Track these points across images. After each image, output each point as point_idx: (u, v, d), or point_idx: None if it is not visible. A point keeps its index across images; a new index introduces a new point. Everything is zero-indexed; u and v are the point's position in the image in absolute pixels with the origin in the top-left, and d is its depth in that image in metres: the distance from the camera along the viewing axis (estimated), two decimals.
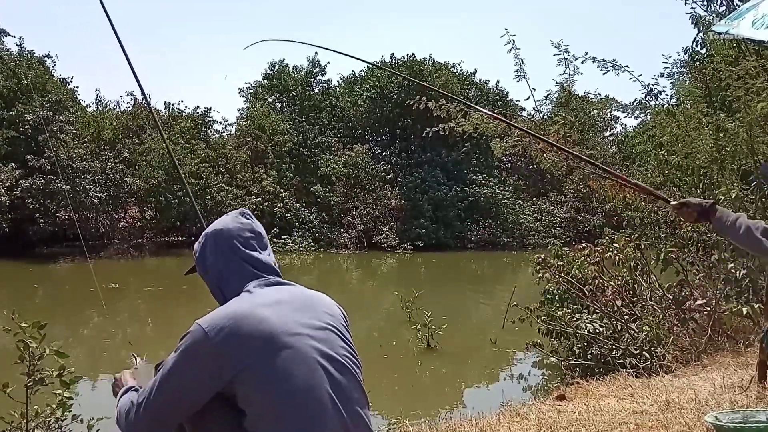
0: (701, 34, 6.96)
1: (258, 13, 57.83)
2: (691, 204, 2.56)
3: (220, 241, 1.73)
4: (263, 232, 1.80)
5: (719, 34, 5.15)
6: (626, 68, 6.04)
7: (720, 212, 2.52)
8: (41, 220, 20.81)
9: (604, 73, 6.03)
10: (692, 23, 7.46)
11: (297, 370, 1.49)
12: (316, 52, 31.62)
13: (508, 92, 32.05)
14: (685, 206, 2.56)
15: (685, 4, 6.94)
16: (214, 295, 1.74)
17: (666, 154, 6.12)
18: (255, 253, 1.71)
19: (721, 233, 2.73)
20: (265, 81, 32.05)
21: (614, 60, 6.03)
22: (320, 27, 56.77)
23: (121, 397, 1.68)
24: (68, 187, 20.75)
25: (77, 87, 26.61)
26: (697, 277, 6.11)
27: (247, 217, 1.79)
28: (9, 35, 23.57)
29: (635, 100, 6.62)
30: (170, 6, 59.07)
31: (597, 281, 6.55)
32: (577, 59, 6.05)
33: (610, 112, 30.71)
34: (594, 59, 6.04)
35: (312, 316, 1.61)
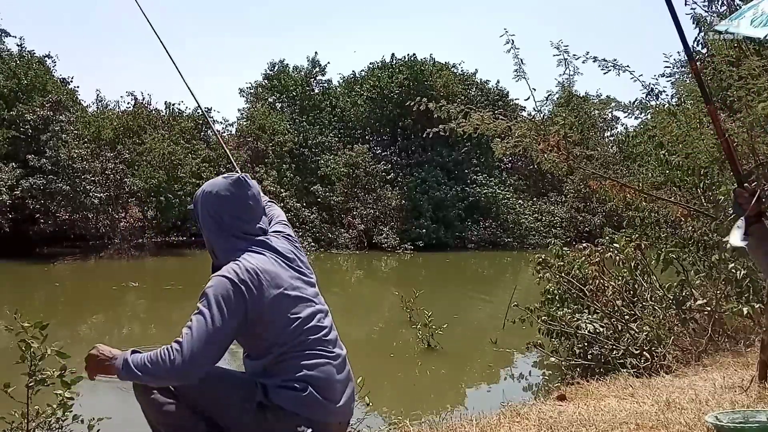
0: (702, 34, 6.94)
1: (257, 12, 57.90)
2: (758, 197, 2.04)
3: (207, 205, 2.05)
4: (255, 201, 2.09)
5: (719, 33, 5.15)
6: (627, 68, 6.02)
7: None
8: (41, 220, 20.81)
9: (605, 73, 6.00)
10: (693, 23, 7.44)
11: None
12: (316, 52, 31.68)
13: (508, 92, 32.08)
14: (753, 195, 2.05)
15: (686, 4, 6.92)
16: (208, 248, 2.08)
17: (666, 154, 6.11)
18: (237, 222, 2.02)
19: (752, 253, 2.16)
20: (266, 81, 32.06)
21: (615, 60, 6.00)
22: (320, 27, 56.83)
23: (130, 357, 1.84)
24: (68, 187, 20.75)
25: (77, 87, 26.65)
26: (698, 277, 6.10)
27: (239, 187, 2.06)
28: (9, 35, 23.60)
29: (636, 99, 6.60)
30: (172, 7, 59.10)
31: (597, 281, 6.55)
32: (577, 59, 6.02)
33: (611, 112, 30.75)
34: (595, 59, 6.01)
35: (293, 267, 2.08)
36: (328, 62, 32.12)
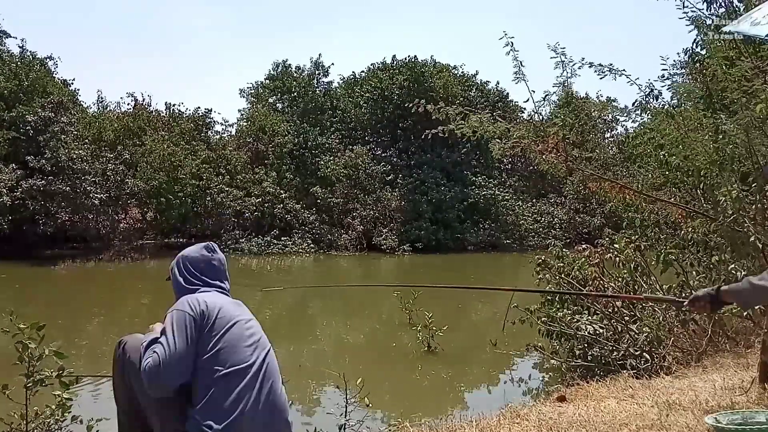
0: (701, 36, 6.95)
1: (257, 12, 57.96)
2: (699, 297, 2.52)
3: (182, 264, 2.50)
4: (219, 264, 2.51)
5: (721, 34, 5.16)
6: (623, 72, 5.99)
7: (728, 288, 2.45)
8: (42, 221, 20.80)
9: (601, 78, 5.98)
10: (692, 24, 7.44)
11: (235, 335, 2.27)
12: (320, 54, 31.64)
13: (508, 93, 32.14)
14: (696, 301, 2.53)
15: (684, 6, 6.91)
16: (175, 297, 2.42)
17: (666, 155, 6.11)
18: (203, 277, 2.45)
19: (742, 305, 2.76)
20: (268, 81, 32.06)
21: (611, 64, 5.97)
22: (321, 27, 56.89)
23: (149, 345, 2.23)
24: (68, 188, 20.72)
25: (78, 89, 26.63)
26: (698, 278, 6.10)
27: (209, 251, 2.52)
28: (10, 36, 23.59)
29: (635, 102, 6.59)
30: (172, 8, 59.19)
31: (597, 282, 6.54)
32: (573, 64, 6.00)
33: (611, 114, 30.78)
34: (591, 64, 5.99)
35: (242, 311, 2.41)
36: (332, 63, 32.13)
